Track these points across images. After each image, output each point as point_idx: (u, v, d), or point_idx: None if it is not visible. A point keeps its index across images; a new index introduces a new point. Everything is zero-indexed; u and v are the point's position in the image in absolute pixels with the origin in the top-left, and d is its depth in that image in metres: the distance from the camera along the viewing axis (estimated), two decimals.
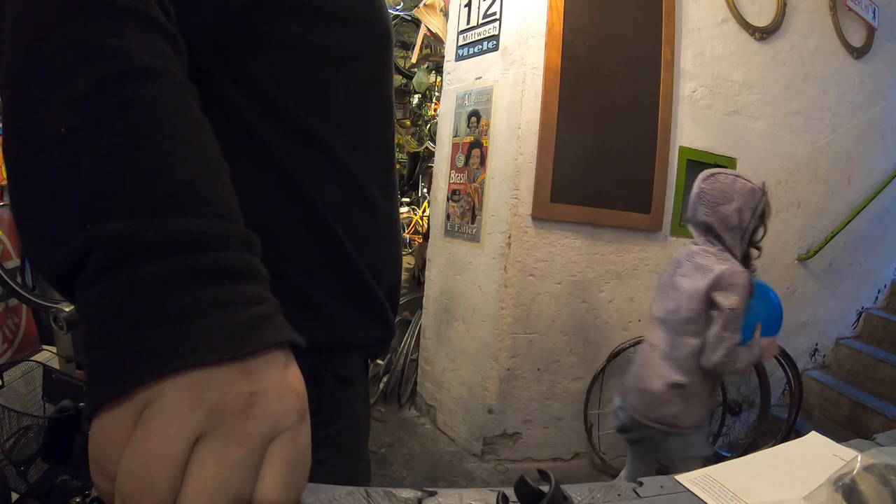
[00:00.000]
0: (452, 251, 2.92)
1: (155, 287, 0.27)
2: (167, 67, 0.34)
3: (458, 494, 0.41)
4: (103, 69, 0.31)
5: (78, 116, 0.30)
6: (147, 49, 0.33)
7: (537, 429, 2.72)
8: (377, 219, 0.64)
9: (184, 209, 0.29)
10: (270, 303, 0.31)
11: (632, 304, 2.80)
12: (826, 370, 3.45)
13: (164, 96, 0.32)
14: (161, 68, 0.33)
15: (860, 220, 3.37)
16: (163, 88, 0.32)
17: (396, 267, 0.70)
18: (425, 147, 4.16)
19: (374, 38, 0.62)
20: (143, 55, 0.32)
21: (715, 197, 1.66)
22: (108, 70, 0.31)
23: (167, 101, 0.32)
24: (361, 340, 0.64)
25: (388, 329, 0.67)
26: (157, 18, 0.35)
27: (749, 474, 0.50)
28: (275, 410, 0.28)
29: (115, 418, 0.26)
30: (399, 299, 0.72)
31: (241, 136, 0.53)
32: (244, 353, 0.28)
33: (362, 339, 0.64)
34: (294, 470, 0.28)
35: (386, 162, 0.67)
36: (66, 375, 1.66)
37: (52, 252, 0.29)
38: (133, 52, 0.32)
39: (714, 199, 1.66)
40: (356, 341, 0.63)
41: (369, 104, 0.63)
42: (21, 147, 0.32)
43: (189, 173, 0.31)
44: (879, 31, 3.34)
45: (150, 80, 0.32)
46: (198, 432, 0.26)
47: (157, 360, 0.26)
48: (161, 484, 0.25)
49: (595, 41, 2.54)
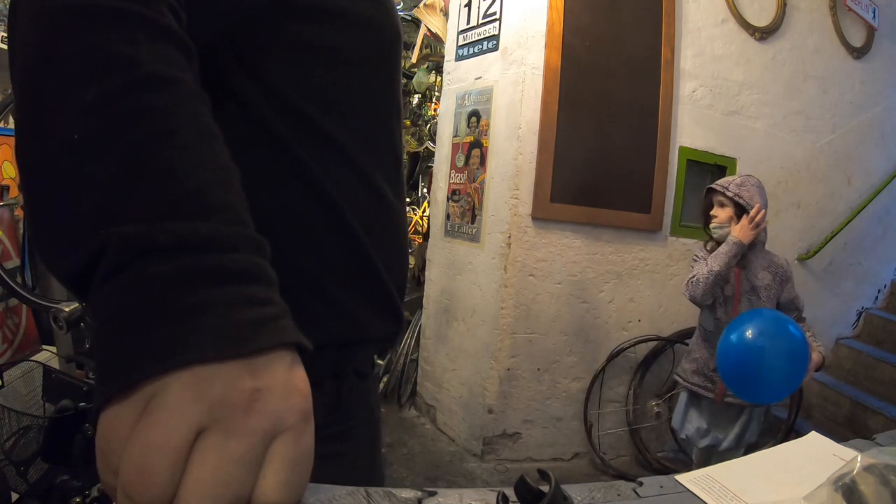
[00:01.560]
0: (452, 251, 2.92)
1: (163, 286, 0.28)
2: (179, 76, 0.34)
3: (458, 494, 0.41)
4: (115, 78, 0.31)
5: (90, 124, 0.31)
6: (159, 57, 0.33)
7: (537, 429, 2.72)
8: (390, 215, 0.65)
9: (193, 214, 0.30)
10: (278, 305, 0.31)
11: (632, 304, 2.80)
12: (826, 370, 3.45)
13: (175, 105, 0.33)
14: (173, 77, 0.34)
15: (860, 220, 3.36)
16: (174, 97, 0.33)
17: (405, 262, 0.72)
18: (425, 147, 4.16)
19: (384, 40, 0.63)
20: (155, 64, 0.33)
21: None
22: (120, 79, 0.32)
23: (178, 109, 0.33)
24: (377, 334, 0.65)
25: (399, 322, 0.68)
26: (170, 26, 0.36)
27: (749, 474, 0.50)
28: (278, 408, 0.28)
29: (120, 412, 0.27)
30: (405, 294, 0.73)
31: (258, 133, 0.53)
32: (249, 352, 0.28)
33: (379, 332, 0.65)
34: (295, 469, 0.28)
35: (395, 161, 0.68)
36: (66, 375, 1.66)
37: (66, 255, 0.30)
38: (145, 60, 0.33)
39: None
40: (372, 335, 0.64)
41: (380, 104, 0.64)
42: (34, 152, 0.32)
43: (199, 180, 0.31)
44: (879, 31, 3.34)
45: (162, 89, 0.33)
46: (200, 426, 0.26)
47: (162, 356, 0.26)
48: (160, 474, 0.25)
49: (595, 41, 2.54)
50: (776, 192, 3.14)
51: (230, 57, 0.52)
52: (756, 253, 1.96)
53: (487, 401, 2.65)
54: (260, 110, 0.53)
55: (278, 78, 0.54)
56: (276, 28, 0.53)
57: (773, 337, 1.57)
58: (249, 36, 0.52)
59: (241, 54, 0.52)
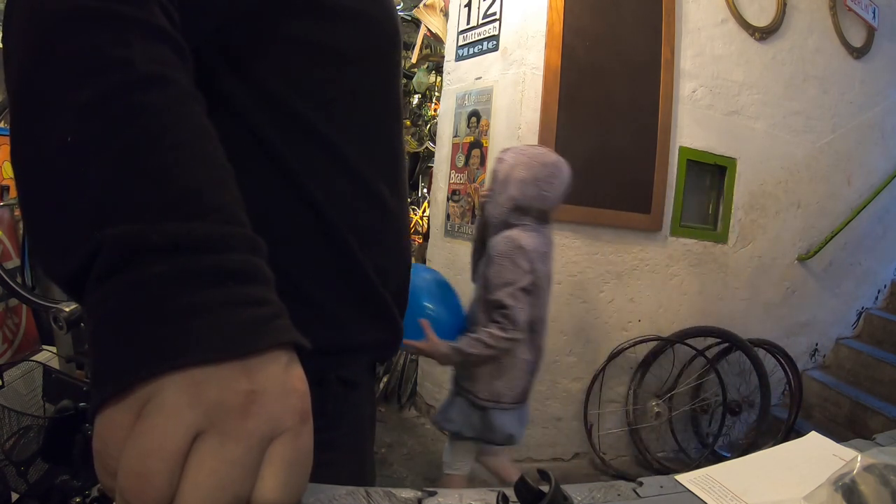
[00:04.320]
0: (452, 251, 2.92)
1: (157, 287, 0.28)
2: (173, 76, 0.34)
3: (458, 494, 0.41)
4: (109, 79, 0.31)
5: (84, 126, 0.31)
6: (153, 58, 0.33)
7: (537, 429, 2.72)
8: (386, 218, 0.64)
9: (188, 214, 0.30)
10: (275, 304, 0.31)
11: (631, 304, 2.80)
12: (826, 370, 3.45)
13: (170, 105, 0.33)
14: (167, 77, 0.34)
15: (860, 220, 3.36)
16: (168, 97, 0.33)
17: (405, 267, 0.70)
18: (425, 147, 4.16)
19: (382, 37, 0.62)
20: (148, 64, 0.33)
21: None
22: (114, 80, 0.32)
23: (172, 109, 0.33)
24: (367, 342, 0.64)
25: (394, 331, 0.67)
26: (163, 27, 0.36)
27: (749, 474, 0.50)
28: (275, 409, 0.28)
29: (116, 415, 0.26)
30: (408, 300, 0.71)
31: (246, 137, 0.53)
32: (244, 352, 0.28)
33: (368, 340, 0.63)
34: (294, 470, 0.28)
35: (395, 160, 0.67)
36: (66, 375, 1.66)
37: (62, 257, 0.30)
38: (139, 61, 0.33)
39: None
40: (361, 343, 0.63)
41: (378, 103, 0.63)
42: (29, 155, 0.32)
43: (193, 180, 0.31)
44: (879, 31, 3.34)
45: (156, 89, 0.33)
46: (196, 429, 0.26)
47: (156, 358, 0.26)
48: (158, 478, 0.25)
49: (595, 41, 2.54)
50: (776, 192, 3.14)
51: (220, 57, 0.51)
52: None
53: None
54: (247, 112, 0.52)
55: (270, 76, 0.53)
56: (271, 25, 0.52)
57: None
58: (242, 35, 0.51)
59: (233, 53, 0.52)
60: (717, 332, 2.90)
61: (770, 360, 3.00)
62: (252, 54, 0.52)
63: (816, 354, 3.47)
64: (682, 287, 2.93)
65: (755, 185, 3.07)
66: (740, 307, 3.10)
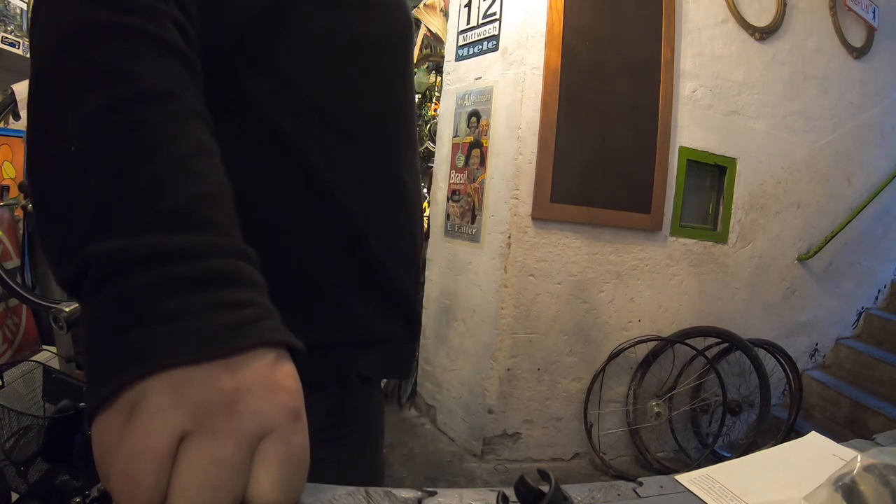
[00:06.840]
0: (452, 251, 2.92)
1: (141, 295, 0.28)
2: (177, 91, 0.35)
3: (458, 494, 0.41)
4: (113, 91, 0.32)
5: (86, 137, 0.31)
6: (159, 73, 0.34)
7: (537, 429, 2.72)
8: (405, 209, 0.65)
9: (174, 228, 0.30)
10: (261, 307, 0.31)
11: (632, 304, 2.80)
12: (826, 370, 3.45)
13: (169, 120, 0.33)
14: (171, 93, 0.34)
15: (860, 220, 3.36)
16: (168, 113, 0.34)
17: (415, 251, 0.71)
18: (425, 147, 4.16)
19: (398, 27, 0.63)
20: (153, 79, 0.34)
21: None
22: (117, 92, 0.32)
23: (172, 125, 0.33)
24: (385, 335, 0.64)
25: (412, 324, 0.67)
26: (173, 42, 0.36)
27: (749, 474, 0.50)
28: (261, 407, 0.28)
29: (107, 420, 0.27)
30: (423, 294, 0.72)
31: (267, 136, 0.53)
32: (227, 352, 0.28)
33: (386, 333, 0.64)
34: (290, 470, 0.28)
35: (411, 149, 0.68)
36: (66, 375, 1.66)
37: (62, 265, 0.31)
38: (143, 75, 0.33)
39: None
40: (380, 336, 0.64)
41: (394, 91, 0.64)
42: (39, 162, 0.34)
43: (184, 196, 0.31)
44: (879, 31, 3.34)
45: (157, 105, 0.33)
46: (182, 430, 0.26)
47: (140, 361, 0.27)
48: (145, 479, 0.25)
49: (595, 41, 2.54)
50: (776, 192, 3.14)
51: (240, 56, 0.51)
52: None
53: (487, 401, 2.65)
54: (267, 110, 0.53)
55: (292, 69, 0.54)
56: (291, 16, 0.53)
57: None
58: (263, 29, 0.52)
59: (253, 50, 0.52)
60: (717, 332, 2.90)
61: (770, 360, 3.00)
62: (272, 47, 0.53)
63: (816, 354, 3.47)
64: (682, 287, 2.93)
65: (755, 185, 3.07)
66: (740, 307, 3.10)
